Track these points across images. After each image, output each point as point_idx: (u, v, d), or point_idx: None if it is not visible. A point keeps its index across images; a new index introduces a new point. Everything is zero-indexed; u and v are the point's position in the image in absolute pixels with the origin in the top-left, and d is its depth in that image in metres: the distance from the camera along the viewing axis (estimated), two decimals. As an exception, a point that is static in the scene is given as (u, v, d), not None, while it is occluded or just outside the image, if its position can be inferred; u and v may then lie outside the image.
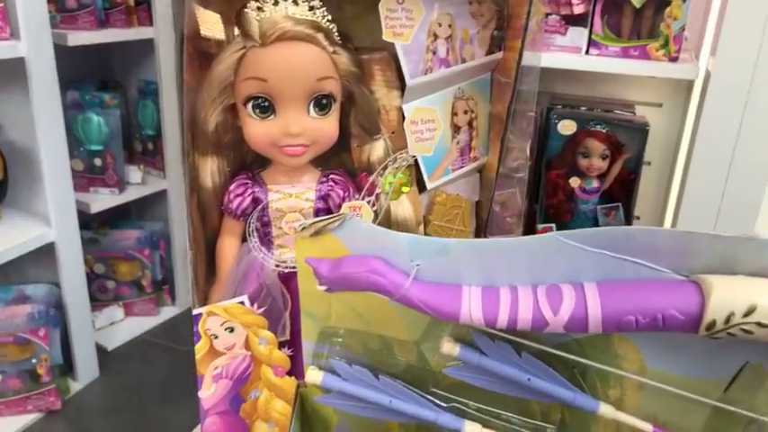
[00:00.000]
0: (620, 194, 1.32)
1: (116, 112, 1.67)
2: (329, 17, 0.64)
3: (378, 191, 0.68)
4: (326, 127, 0.65)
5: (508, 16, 0.69)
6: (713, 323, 0.46)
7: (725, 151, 1.18)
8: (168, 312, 1.86)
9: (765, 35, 1.11)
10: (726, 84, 1.15)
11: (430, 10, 0.67)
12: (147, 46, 1.70)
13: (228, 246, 0.69)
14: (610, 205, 1.35)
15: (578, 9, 1.35)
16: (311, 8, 0.63)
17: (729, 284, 0.47)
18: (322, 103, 0.65)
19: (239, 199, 0.67)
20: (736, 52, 1.13)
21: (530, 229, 1.26)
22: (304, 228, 0.50)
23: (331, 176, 0.69)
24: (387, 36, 0.67)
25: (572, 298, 0.48)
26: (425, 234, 0.73)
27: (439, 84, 0.71)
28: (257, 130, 0.64)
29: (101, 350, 1.67)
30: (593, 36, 1.28)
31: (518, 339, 0.52)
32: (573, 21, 1.33)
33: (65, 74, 1.46)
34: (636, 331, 0.48)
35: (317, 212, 0.68)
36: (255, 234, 0.68)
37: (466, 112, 0.73)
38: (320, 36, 0.63)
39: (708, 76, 1.20)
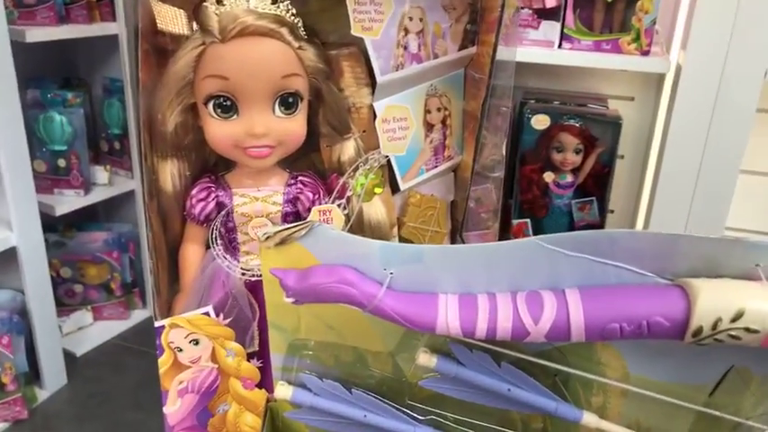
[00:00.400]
0: (595, 188, 1.31)
1: (80, 111, 1.61)
2: (293, 11, 0.61)
3: (349, 193, 0.65)
4: (293, 127, 0.62)
5: (481, 9, 0.67)
6: (700, 330, 0.44)
7: (697, 143, 1.18)
8: (139, 316, 1.81)
9: (735, 28, 1.10)
10: (697, 77, 1.14)
11: (400, 3, 0.64)
12: (111, 42, 1.64)
13: (191, 253, 0.65)
14: (584, 199, 1.34)
15: (550, 3, 1.33)
16: (274, 1, 0.60)
17: (716, 288, 0.45)
18: (288, 101, 0.61)
19: (202, 204, 0.64)
20: (707, 46, 1.13)
21: (505, 225, 1.25)
22: (268, 237, 0.47)
23: (300, 178, 0.66)
24: (355, 31, 0.64)
25: (553, 306, 0.46)
26: (400, 237, 0.71)
27: (411, 80, 0.68)
28: (219, 130, 0.60)
29: (69, 356, 1.62)
30: (565, 30, 1.26)
31: (497, 348, 0.50)
32: (545, 15, 1.31)
33: (24, 72, 1.40)
34: (620, 339, 0.46)
35: (286, 217, 0.65)
36: (220, 241, 0.64)
37: (439, 110, 0.71)
38: (284, 31, 0.59)
39: (679, 69, 1.19)
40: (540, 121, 1.26)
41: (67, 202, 1.62)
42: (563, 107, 1.31)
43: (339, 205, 0.64)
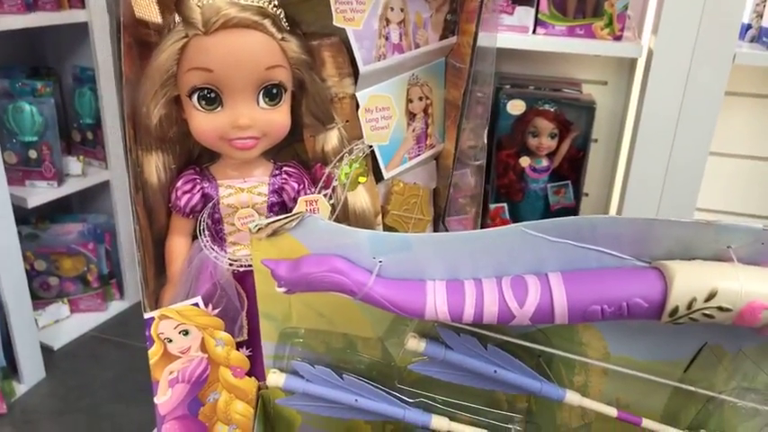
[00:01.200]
0: (570, 172, 1.33)
1: (50, 101, 1.58)
2: (276, 2, 0.61)
3: (334, 183, 0.66)
4: (278, 118, 0.63)
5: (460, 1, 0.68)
6: (676, 309, 0.46)
7: (668, 126, 1.21)
8: (117, 307, 1.80)
9: (705, 13, 1.13)
10: (667, 62, 1.17)
11: (381, -5, 0.65)
12: (80, 30, 1.61)
13: (178, 245, 0.66)
14: (559, 183, 1.36)
15: None
16: (256, -9, 0.60)
17: (690, 270, 0.47)
18: (272, 92, 0.62)
19: (187, 196, 0.64)
20: (677, 31, 1.15)
21: (482, 210, 1.27)
22: (260, 228, 0.47)
23: (284, 168, 0.67)
24: (337, 21, 0.64)
25: (537, 289, 0.48)
26: (384, 225, 0.72)
27: (393, 70, 0.69)
28: (204, 123, 0.61)
29: (46, 350, 1.61)
30: (539, 15, 1.28)
31: (483, 332, 0.52)
32: (520, 0, 1.33)
33: (-9, 61, 1.37)
34: (601, 320, 0.48)
35: (271, 207, 0.66)
36: (207, 232, 0.65)
37: (421, 99, 0.72)
38: (267, 22, 0.59)
39: (650, 54, 1.22)
40: (516, 107, 1.28)
41: (40, 193, 1.60)
42: (538, 92, 1.34)
43: (325, 195, 0.65)
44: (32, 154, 1.60)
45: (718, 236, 0.48)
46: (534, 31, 1.28)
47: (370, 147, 0.69)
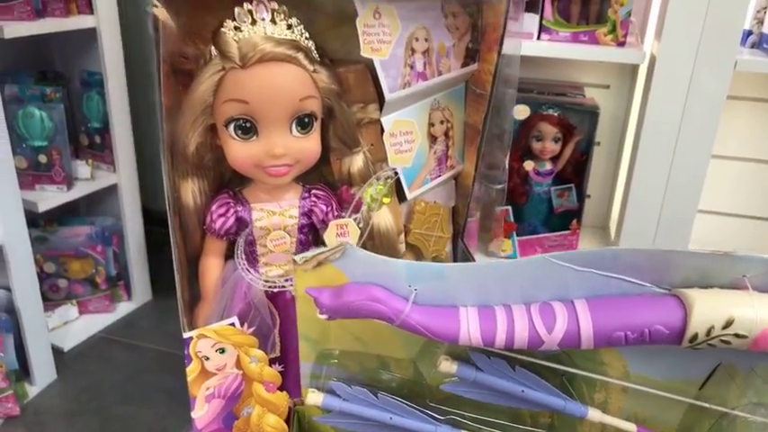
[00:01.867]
0: (573, 176, 1.36)
1: (60, 106, 1.59)
2: (307, 35, 0.64)
3: (363, 208, 0.69)
4: (310, 145, 0.65)
5: (482, 29, 0.70)
6: (695, 336, 0.49)
7: (671, 131, 1.23)
8: (125, 308, 1.82)
9: (707, 20, 1.16)
10: (670, 68, 1.19)
11: (407, 25, 0.68)
12: (88, 35, 1.62)
13: (212, 265, 0.69)
14: (563, 186, 1.39)
15: None
16: (289, 26, 0.62)
17: (708, 298, 0.50)
18: (304, 122, 0.65)
19: (222, 219, 0.67)
20: (680, 37, 1.18)
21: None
22: (306, 260, 0.50)
23: (313, 191, 0.70)
24: (365, 52, 0.67)
25: (564, 317, 0.51)
26: (406, 243, 0.75)
27: (416, 96, 0.71)
28: (240, 151, 0.63)
29: (56, 351, 1.62)
30: (544, 22, 1.31)
31: (513, 354, 0.55)
32: (525, 7, 1.36)
33: None
34: (624, 346, 0.51)
35: (302, 228, 0.69)
36: (242, 254, 0.67)
37: (442, 122, 0.75)
38: (300, 56, 0.62)
39: (653, 59, 1.24)
40: (521, 112, 1.31)
41: (50, 197, 1.61)
42: (542, 97, 1.36)
43: (354, 219, 0.68)
44: (42, 159, 1.61)
45: (734, 265, 0.51)
46: (539, 37, 1.31)
47: (395, 172, 0.72)
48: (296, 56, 0.62)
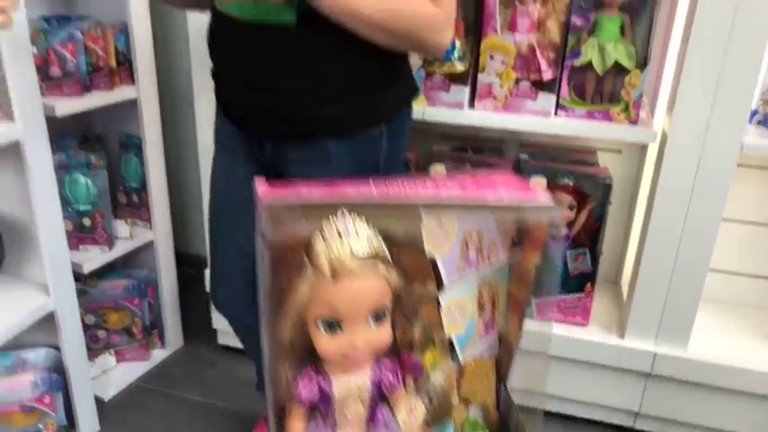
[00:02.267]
0: (587, 240, 1.46)
1: (103, 173, 1.69)
2: (381, 241, 0.74)
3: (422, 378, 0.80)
4: (383, 335, 0.77)
5: (527, 231, 0.81)
6: None
7: (682, 198, 1.32)
8: (159, 355, 1.93)
9: (716, 99, 1.25)
10: (682, 143, 1.29)
11: (463, 227, 0.78)
12: (129, 102, 1.71)
13: (296, 428, 0.80)
14: (578, 250, 1.48)
15: (547, 75, 1.48)
16: (368, 238, 0.73)
17: None
18: (379, 315, 0.75)
19: (307, 390, 0.78)
20: (691, 114, 1.27)
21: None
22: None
23: (382, 362, 0.81)
24: (428, 249, 0.78)
25: None
26: (459, 396, 0.86)
27: (469, 277, 0.82)
28: (328, 345, 0.75)
29: (98, 401, 1.73)
30: (560, 100, 1.41)
31: None
32: (542, 86, 1.46)
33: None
34: None
35: (373, 398, 0.80)
36: (322, 420, 0.79)
37: (489, 293, 0.86)
38: (380, 267, 0.73)
39: (665, 135, 1.34)
40: (538, 182, 1.41)
41: (93, 258, 1.71)
42: (557, 166, 1.45)
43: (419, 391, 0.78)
44: (86, 222, 1.71)
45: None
46: (556, 113, 1.41)
47: (449, 338, 0.83)
48: (377, 268, 0.72)
